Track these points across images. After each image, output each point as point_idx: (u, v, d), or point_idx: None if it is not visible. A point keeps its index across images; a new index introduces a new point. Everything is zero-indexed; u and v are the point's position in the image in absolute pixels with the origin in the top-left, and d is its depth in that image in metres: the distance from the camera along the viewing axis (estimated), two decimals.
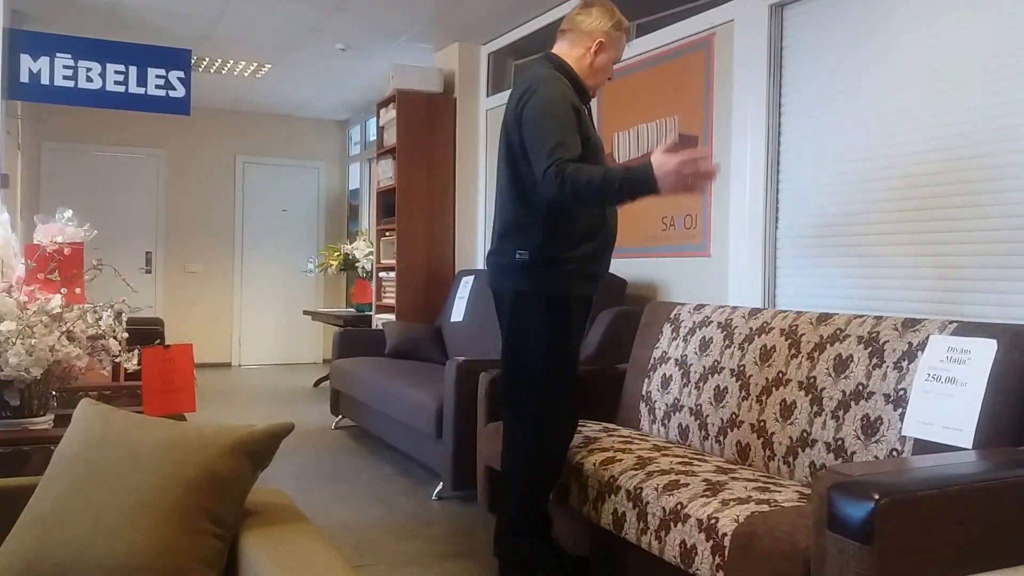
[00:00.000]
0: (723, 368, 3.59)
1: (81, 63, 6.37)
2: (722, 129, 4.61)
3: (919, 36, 3.58)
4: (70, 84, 6.35)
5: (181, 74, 6.68)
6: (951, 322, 2.82)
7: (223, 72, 8.79)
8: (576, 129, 3.05)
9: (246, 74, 8.87)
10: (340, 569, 1.53)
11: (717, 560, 2.51)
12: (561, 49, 3.32)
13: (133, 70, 6.53)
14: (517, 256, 3.16)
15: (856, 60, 3.86)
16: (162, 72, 6.62)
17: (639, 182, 2.86)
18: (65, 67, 6.33)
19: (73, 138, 10.00)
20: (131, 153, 10.41)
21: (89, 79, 6.41)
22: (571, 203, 3.01)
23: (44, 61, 6.25)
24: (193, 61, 7.29)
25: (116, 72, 6.48)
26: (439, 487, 4.78)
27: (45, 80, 6.27)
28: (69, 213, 3.14)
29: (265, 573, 1.56)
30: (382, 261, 7.80)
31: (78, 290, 3.04)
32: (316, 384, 9.22)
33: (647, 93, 5.19)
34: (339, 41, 7.53)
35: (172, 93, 6.67)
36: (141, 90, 6.57)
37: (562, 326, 3.20)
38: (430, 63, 7.82)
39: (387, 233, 7.65)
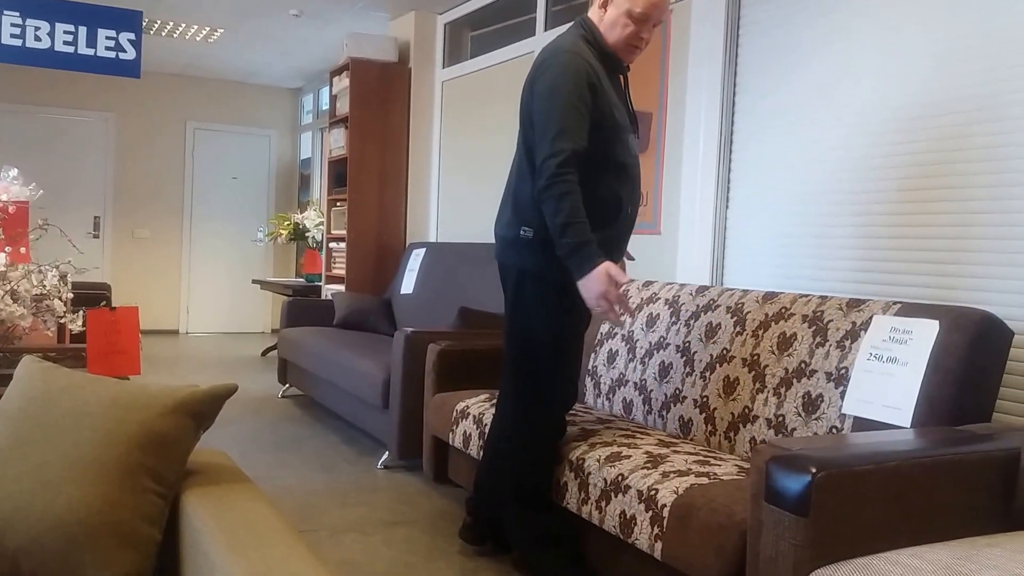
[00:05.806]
0: (668, 344, 3.62)
1: (29, 22, 6.25)
2: (676, 106, 4.63)
3: (875, 18, 3.62)
4: (17, 43, 6.23)
5: (132, 36, 6.57)
6: (895, 303, 2.87)
7: (175, 36, 8.66)
8: (584, 114, 2.91)
9: (198, 38, 8.74)
10: (281, 528, 1.54)
11: (656, 531, 2.55)
12: (590, 11, 3.17)
13: (83, 30, 6.42)
14: (522, 233, 3.04)
15: (812, 41, 3.90)
16: (112, 33, 6.51)
17: (579, 261, 2.83)
18: (13, 25, 6.20)
19: (20, 98, 9.82)
20: (80, 116, 10.22)
21: (37, 38, 6.29)
22: (537, 200, 2.91)
23: None
24: (144, 24, 7.17)
25: (65, 32, 6.36)
26: (384, 456, 4.79)
27: None
28: (15, 172, 3.11)
29: (206, 531, 1.56)
30: (332, 231, 7.76)
31: (23, 249, 3.01)
32: (264, 353, 9.17)
33: None
34: (293, 7, 7.44)
35: (122, 55, 6.57)
36: (91, 51, 6.47)
37: (566, 309, 3.07)
38: (385, 31, 7.76)
39: (338, 203, 7.60)
